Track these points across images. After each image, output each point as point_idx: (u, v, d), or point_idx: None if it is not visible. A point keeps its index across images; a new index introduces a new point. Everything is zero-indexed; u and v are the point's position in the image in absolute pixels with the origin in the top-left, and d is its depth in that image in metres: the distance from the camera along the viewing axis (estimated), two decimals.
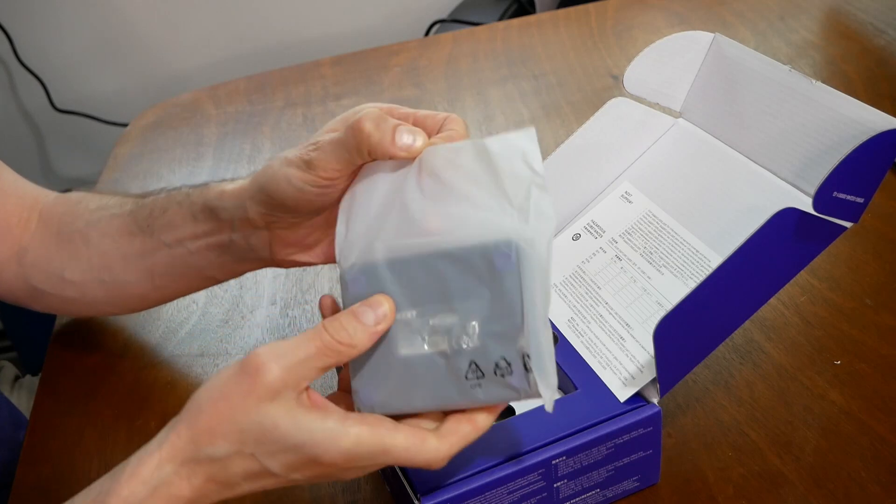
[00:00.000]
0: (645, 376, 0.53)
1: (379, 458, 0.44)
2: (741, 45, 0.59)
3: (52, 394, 0.70)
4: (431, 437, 0.45)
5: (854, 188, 0.49)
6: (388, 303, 0.46)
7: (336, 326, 0.45)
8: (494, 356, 0.44)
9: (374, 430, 0.44)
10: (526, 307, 0.43)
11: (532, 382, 0.44)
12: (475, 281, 0.44)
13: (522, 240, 0.43)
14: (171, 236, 0.61)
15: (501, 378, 0.44)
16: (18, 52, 1.55)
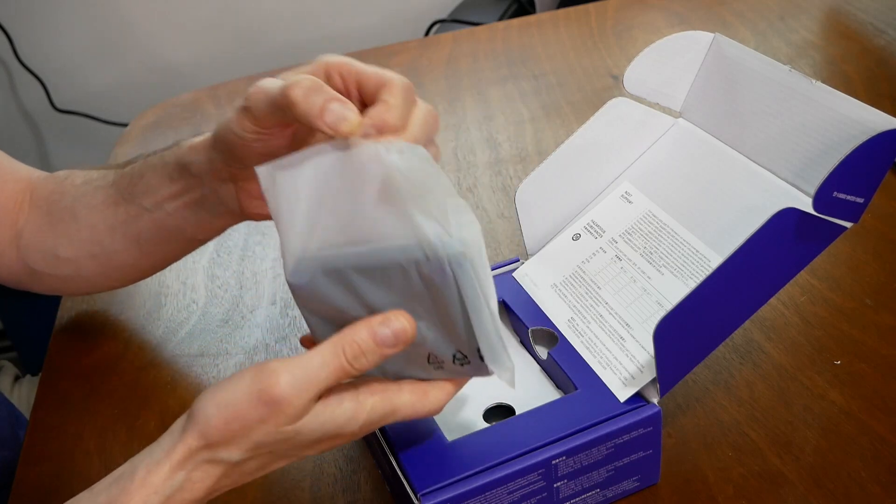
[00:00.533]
0: (645, 376, 0.53)
1: (388, 417, 0.46)
2: (741, 45, 0.59)
3: (52, 394, 0.70)
4: (430, 388, 0.48)
5: (854, 188, 0.49)
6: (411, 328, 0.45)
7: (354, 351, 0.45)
8: (450, 351, 0.47)
9: (385, 395, 0.46)
10: (470, 310, 0.44)
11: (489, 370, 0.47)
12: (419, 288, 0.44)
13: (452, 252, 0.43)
14: (151, 200, 0.63)
15: (460, 366, 0.47)
16: (18, 52, 1.55)
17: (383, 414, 0.46)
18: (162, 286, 0.79)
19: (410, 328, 0.45)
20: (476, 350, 0.46)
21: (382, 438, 0.53)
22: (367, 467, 0.60)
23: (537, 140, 0.94)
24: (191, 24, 1.61)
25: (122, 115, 1.58)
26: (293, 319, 0.74)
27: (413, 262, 0.44)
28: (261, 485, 0.59)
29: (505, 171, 0.89)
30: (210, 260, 0.82)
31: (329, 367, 0.44)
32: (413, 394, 0.47)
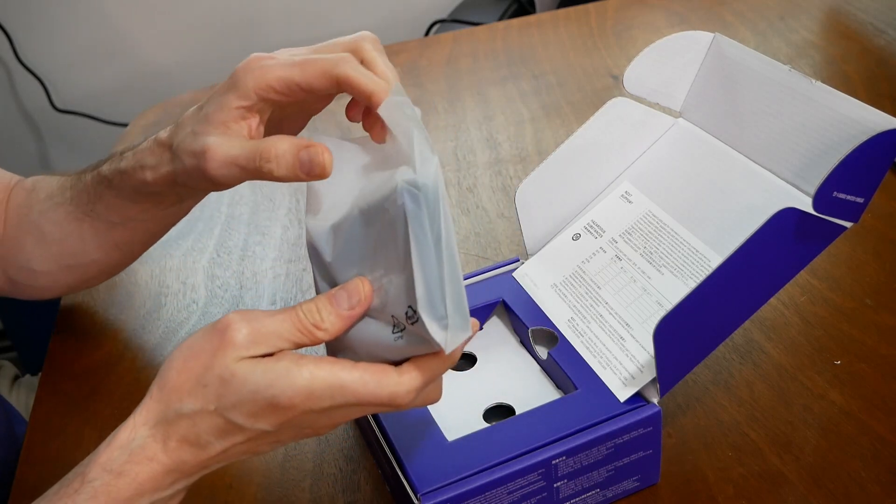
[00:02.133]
0: (645, 376, 0.53)
1: (338, 395, 0.43)
2: (741, 45, 0.59)
3: (52, 394, 0.70)
4: (391, 370, 0.44)
5: (854, 188, 0.49)
6: (364, 286, 0.46)
7: (309, 307, 0.45)
8: (402, 306, 0.44)
9: (330, 367, 0.43)
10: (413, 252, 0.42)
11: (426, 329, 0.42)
12: (387, 236, 0.44)
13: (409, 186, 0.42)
14: (117, 216, 0.63)
15: (412, 325, 0.43)
16: (18, 52, 1.55)
17: (328, 386, 0.43)
18: (162, 286, 0.79)
19: (365, 287, 0.45)
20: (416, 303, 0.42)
21: (382, 438, 0.53)
22: (367, 467, 0.60)
23: (537, 140, 0.94)
24: (190, 24, 1.61)
25: (122, 115, 1.58)
26: None
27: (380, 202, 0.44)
28: (261, 485, 0.59)
29: (505, 171, 0.89)
30: (210, 260, 0.82)
31: (285, 316, 0.44)
32: (366, 371, 0.43)
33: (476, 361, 0.60)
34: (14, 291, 0.71)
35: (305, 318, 0.45)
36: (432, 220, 0.41)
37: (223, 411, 0.44)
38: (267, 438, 0.45)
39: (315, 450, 0.61)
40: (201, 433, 0.44)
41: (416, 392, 0.44)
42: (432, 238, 0.41)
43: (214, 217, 0.87)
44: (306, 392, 0.43)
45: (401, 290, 0.43)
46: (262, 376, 0.43)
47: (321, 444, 0.62)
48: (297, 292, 0.77)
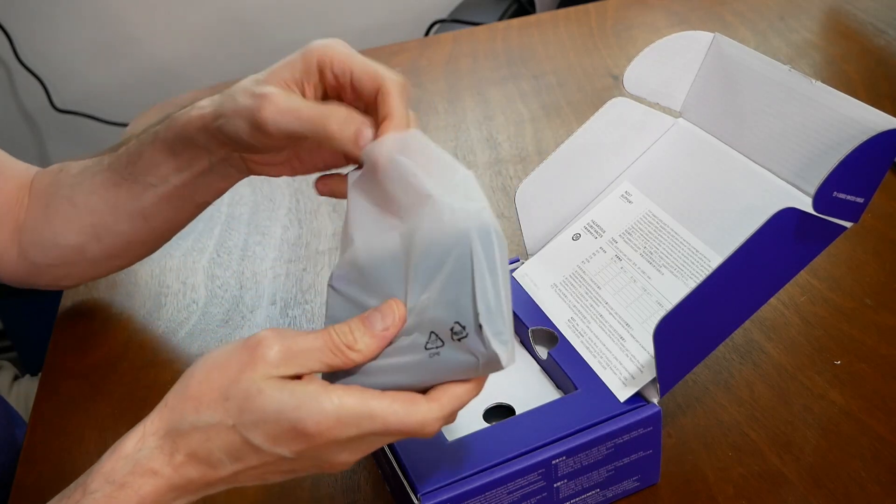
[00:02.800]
0: (645, 376, 0.53)
1: (366, 423, 0.42)
2: (741, 45, 0.59)
3: (52, 394, 0.70)
4: (420, 398, 0.43)
5: (854, 188, 0.49)
6: (399, 308, 0.45)
7: (342, 329, 0.44)
8: (449, 321, 0.44)
9: (360, 394, 0.42)
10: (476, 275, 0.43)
11: (486, 341, 0.42)
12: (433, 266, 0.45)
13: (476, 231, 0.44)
14: (155, 176, 0.63)
15: (458, 342, 0.43)
16: (18, 52, 1.55)
17: (357, 415, 0.42)
18: (162, 286, 0.79)
19: (399, 309, 0.45)
20: (475, 317, 0.43)
21: None
22: (367, 467, 0.60)
23: (537, 140, 0.94)
24: (190, 23, 1.61)
25: (122, 115, 1.58)
26: (293, 319, 0.74)
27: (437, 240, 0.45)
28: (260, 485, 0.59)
29: (505, 171, 0.89)
30: (210, 260, 0.82)
31: (318, 337, 0.43)
32: (396, 400, 0.42)
33: None
34: (35, 279, 0.71)
35: (339, 339, 0.44)
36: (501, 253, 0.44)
37: (242, 429, 0.42)
38: (281, 466, 0.44)
39: None
40: (213, 450, 0.43)
41: (444, 420, 0.44)
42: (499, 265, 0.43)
43: (214, 217, 0.87)
44: (335, 418, 0.42)
45: (450, 307, 0.44)
46: (290, 398, 0.42)
47: None
48: (297, 292, 0.77)
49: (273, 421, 0.42)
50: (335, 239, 0.83)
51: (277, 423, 0.42)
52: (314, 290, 0.77)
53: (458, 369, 0.44)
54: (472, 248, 0.43)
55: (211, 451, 0.43)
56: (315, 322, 0.73)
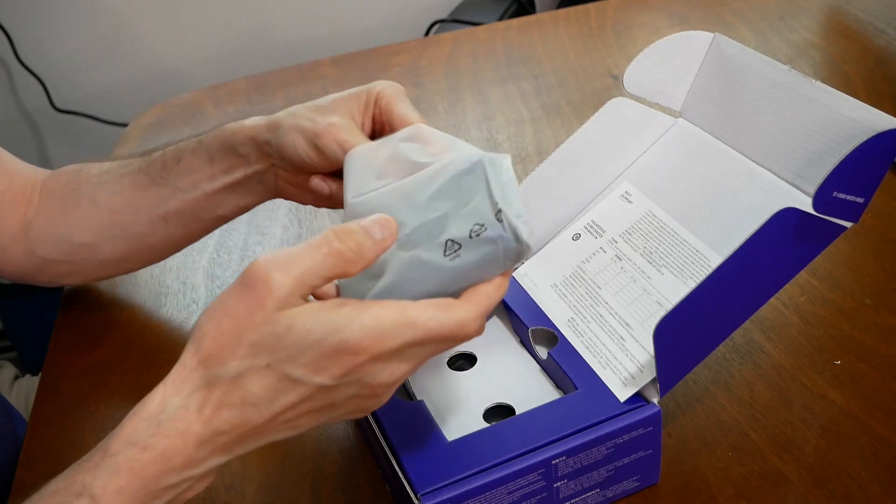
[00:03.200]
0: (645, 376, 0.53)
1: (408, 332, 0.41)
2: (741, 45, 0.59)
3: (52, 394, 0.70)
4: (454, 301, 0.43)
5: (854, 188, 0.49)
6: (393, 222, 0.44)
7: (346, 234, 0.43)
8: (468, 226, 0.45)
9: (396, 305, 0.42)
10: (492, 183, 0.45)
11: (508, 226, 0.44)
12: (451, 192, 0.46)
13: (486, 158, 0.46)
14: (187, 181, 0.65)
15: (477, 237, 0.44)
16: (18, 52, 1.55)
17: (397, 323, 0.41)
18: (162, 286, 0.79)
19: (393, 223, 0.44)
20: (496, 211, 0.44)
21: (382, 438, 0.53)
22: (367, 467, 0.60)
23: (537, 140, 0.94)
24: (191, 24, 1.61)
25: (122, 115, 1.58)
26: None
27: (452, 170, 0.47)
28: (261, 484, 0.59)
29: None
30: (210, 260, 0.82)
31: (318, 250, 0.42)
32: (431, 306, 0.42)
33: (476, 361, 0.60)
34: (41, 274, 0.72)
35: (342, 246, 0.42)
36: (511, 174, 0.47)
37: (277, 365, 0.41)
38: (320, 400, 0.42)
39: (315, 450, 0.61)
40: (247, 395, 0.41)
41: (481, 319, 0.44)
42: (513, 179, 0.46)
43: None
44: (377, 331, 0.41)
45: (467, 216, 0.45)
46: (327, 324, 0.41)
47: (321, 443, 0.62)
48: None
49: (315, 349, 0.41)
50: None
51: (319, 351, 0.41)
52: None
53: (481, 265, 0.45)
54: (485, 168, 0.45)
55: (244, 396, 0.41)
56: None
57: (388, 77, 1.11)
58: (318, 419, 0.44)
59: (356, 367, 0.41)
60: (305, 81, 1.12)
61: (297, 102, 1.10)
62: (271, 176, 0.63)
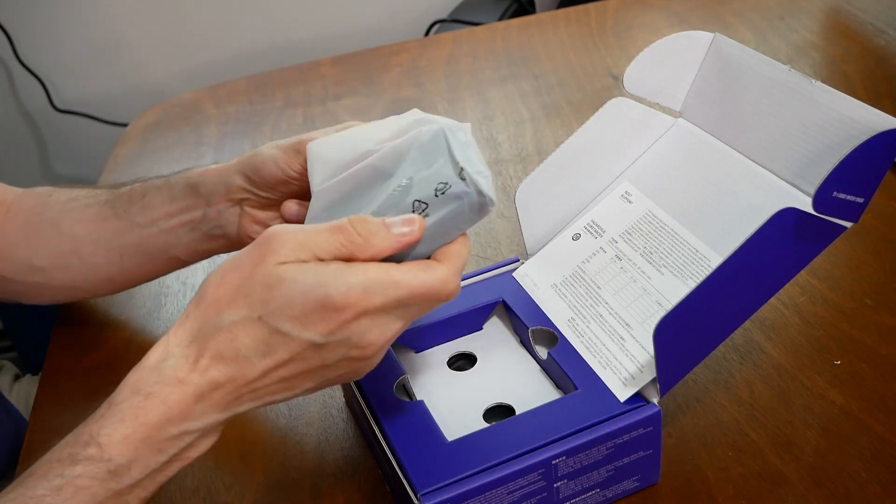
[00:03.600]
0: (645, 376, 0.53)
1: (391, 290, 0.43)
2: (741, 45, 0.59)
3: (52, 394, 0.70)
4: (433, 262, 0.45)
5: (854, 188, 0.49)
6: (419, 221, 0.46)
7: (360, 220, 0.45)
8: (433, 186, 0.47)
9: (381, 266, 0.44)
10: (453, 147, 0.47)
11: (470, 181, 0.46)
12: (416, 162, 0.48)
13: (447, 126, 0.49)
14: (146, 217, 0.64)
15: (443, 195, 0.47)
16: (18, 52, 1.55)
17: (381, 282, 0.43)
18: (162, 286, 0.79)
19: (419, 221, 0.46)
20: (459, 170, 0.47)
21: (382, 438, 0.53)
22: (368, 467, 0.60)
23: (537, 140, 0.94)
24: (191, 24, 1.61)
25: (122, 115, 1.58)
26: None
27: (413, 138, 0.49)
28: (261, 484, 0.59)
29: (505, 171, 0.89)
30: (210, 260, 0.82)
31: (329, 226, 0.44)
32: (413, 267, 0.44)
33: (476, 361, 0.60)
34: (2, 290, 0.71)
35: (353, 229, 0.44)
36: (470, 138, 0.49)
37: (268, 317, 0.42)
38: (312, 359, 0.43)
39: (315, 450, 0.61)
40: (241, 347, 0.42)
41: (458, 277, 0.46)
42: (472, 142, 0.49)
43: None
44: (361, 288, 0.42)
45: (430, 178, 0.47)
46: (314, 277, 0.42)
47: (321, 444, 0.62)
48: None
49: (300, 302, 0.42)
50: None
51: (304, 304, 0.42)
52: None
53: (448, 221, 0.47)
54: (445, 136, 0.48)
55: (238, 348, 0.42)
56: None
57: (387, 77, 1.12)
58: (313, 380, 0.45)
59: (343, 323, 0.43)
60: (305, 81, 1.12)
61: (297, 102, 1.11)
62: (234, 216, 0.62)
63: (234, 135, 1.02)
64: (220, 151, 0.99)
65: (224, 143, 1.01)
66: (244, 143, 1.01)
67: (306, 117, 1.04)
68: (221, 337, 0.42)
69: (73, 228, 0.67)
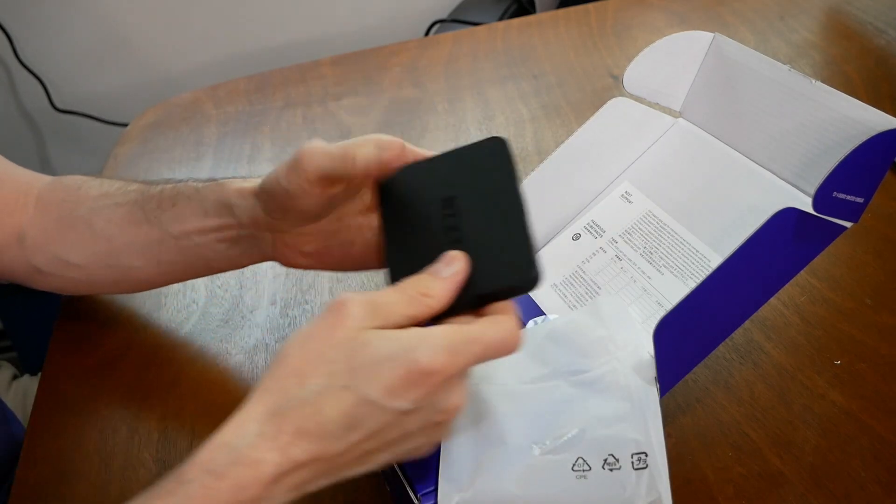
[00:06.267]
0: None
1: (474, 346, 0.42)
2: (741, 45, 0.59)
3: (52, 394, 0.70)
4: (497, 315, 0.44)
5: (854, 188, 0.49)
6: (462, 259, 0.45)
7: (412, 281, 0.44)
8: (603, 453, 0.47)
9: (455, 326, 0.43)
10: (650, 422, 0.48)
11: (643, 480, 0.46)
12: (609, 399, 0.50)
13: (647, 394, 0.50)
14: (179, 229, 0.63)
15: (609, 472, 0.47)
16: (18, 52, 1.55)
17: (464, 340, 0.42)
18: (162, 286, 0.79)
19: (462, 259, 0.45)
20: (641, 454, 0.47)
21: None
22: None
23: (537, 140, 0.94)
24: (191, 24, 1.61)
25: (122, 115, 1.58)
26: (293, 319, 0.74)
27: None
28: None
29: None
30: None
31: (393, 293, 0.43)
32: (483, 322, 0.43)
33: None
34: (32, 281, 0.71)
35: (412, 289, 0.44)
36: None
37: (356, 387, 0.40)
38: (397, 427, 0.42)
39: None
40: (325, 421, 0.40)
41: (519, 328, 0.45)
42: None
43: None
44: (448, 348, 0.41)
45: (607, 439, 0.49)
46: (398, 343, 0.41)
47: None
48: (297, 292, 0.77)
49: (388, 368, 0.40)
50: None
51: (392, 370, 0.40)
52: (314, 290, 0.77)
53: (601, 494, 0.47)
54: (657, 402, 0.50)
55: (322, 422, 0.40)
56: None
57: (387, 77, 1.11)
58: (390, 451, 0.43)
59: (432, 388, 0.41)
60: (305, 81, 1.12)
61: (297, 102, 1.11)
62: (268, 240, 0.59)
63: (234, 135, 1.02)
64: (220, 151, 0.99)
65: (224, 143, 1.01)
66: (244, 143, 1.00)
67: (306, 117, 1.04)
68: (304, 410, 0.40)
69: (107, 229, 0.66)
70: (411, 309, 0.43)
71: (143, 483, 0.60)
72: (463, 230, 0.47)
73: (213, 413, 0.65)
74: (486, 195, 0.48)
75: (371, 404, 0.40)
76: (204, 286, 0.79)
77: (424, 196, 0.50)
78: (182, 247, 0.63)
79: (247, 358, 0.71)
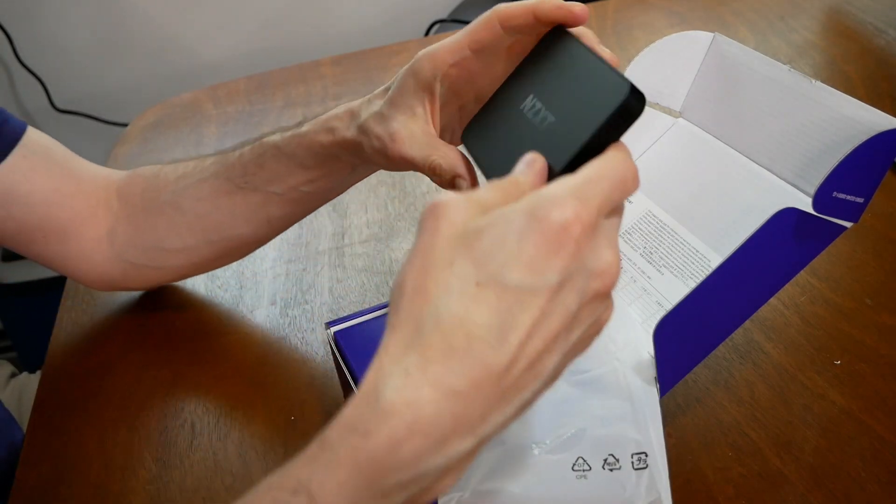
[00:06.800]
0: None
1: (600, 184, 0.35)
2: (741, 45, 0.59)
3: (52, 394, 0.70)
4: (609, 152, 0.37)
5: (854, 188, 0.49)
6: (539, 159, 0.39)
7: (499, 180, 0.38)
8: (604, 453, 0.47)
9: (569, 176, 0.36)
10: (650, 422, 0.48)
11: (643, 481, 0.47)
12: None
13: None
14: (282, 186, 0.64)
15: (609, 472, 0.47)
16: (18, 52, 1.55)
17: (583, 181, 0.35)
18: (162, 286, 0.79)
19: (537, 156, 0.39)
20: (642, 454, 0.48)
21: None
22: None
23: None
24: (191, 24, 1.61)
25: (122, 115, 1.58)
26: (293, 319, 0.74)
27: None
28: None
29: None
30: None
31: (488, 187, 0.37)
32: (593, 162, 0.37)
33: None
34: (128, 280, 0.72)
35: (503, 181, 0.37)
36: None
37: (489, 278, 0.33)
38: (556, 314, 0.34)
39: None
40: (473, 327, 0.33)
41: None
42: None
43: None
44: (574, 194, 0.34)
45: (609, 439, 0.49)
46: (515, 213, 0.34)
47: None
48: (297, 292, 0.77)
49: (516, 242, 0.33)
50: (335, 239, 0.83)
51: (522, 243, 0.33)
52: (314, 290, 0.77)
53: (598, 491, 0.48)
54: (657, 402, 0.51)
55: (470, 333, 0.33)
56: (315, 321, 0.73)
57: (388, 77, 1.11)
58: (559, 351, 0.35)
59: (575, 245, 0.34)
60: (305, 81, 1.12)
61: (296, 102, 1.11)
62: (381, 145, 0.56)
63: (234, 135, 1.02)
64: None
65: (224, 144, 1.01)
66: None
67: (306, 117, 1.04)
68: (445, 328, 0.33)
69: (197, 207, 0.66)
70: (497, 194, 0.37)
71: (143, 483, 0.60)
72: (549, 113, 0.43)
73: (213, 413, 0.65)
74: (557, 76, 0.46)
75: (516, 290, 0.33)
76: (204, 286, 0.79)
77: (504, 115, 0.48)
78: (292, 199, 0.64)
79: (247, 358, 0.71)
